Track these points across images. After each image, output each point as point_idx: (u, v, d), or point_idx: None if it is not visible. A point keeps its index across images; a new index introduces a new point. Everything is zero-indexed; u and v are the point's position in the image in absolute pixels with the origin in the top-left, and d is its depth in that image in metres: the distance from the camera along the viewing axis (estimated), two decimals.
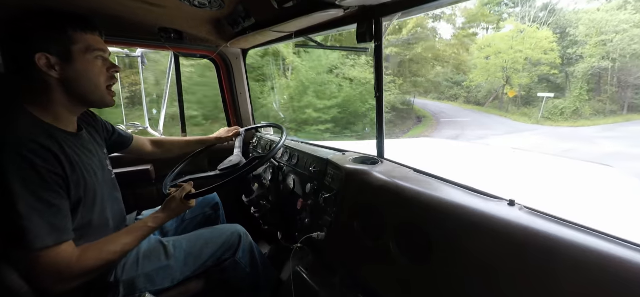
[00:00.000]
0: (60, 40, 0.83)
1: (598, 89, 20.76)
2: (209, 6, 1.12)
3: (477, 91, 24.04)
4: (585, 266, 0.60)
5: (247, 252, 1.25)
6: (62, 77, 0.84)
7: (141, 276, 1.04)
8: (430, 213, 0.88)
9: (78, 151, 0.91)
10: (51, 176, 0.77)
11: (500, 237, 0.73)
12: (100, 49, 0.91)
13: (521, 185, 1.94)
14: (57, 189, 0.79)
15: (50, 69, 0.82)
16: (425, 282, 0.87)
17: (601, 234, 0.65)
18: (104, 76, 0.93)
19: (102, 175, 1.00)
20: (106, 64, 0.94)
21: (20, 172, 0.73)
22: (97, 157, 1.01)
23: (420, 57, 22.21)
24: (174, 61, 1.91)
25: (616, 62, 19.69)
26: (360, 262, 1.08)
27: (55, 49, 0.82)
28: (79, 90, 0.89)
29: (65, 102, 0.89)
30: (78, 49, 0.85)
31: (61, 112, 0.89)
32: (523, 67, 21.51)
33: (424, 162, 1.22)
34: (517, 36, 21.66)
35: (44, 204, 0.76)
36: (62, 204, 0.81)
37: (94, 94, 0.92)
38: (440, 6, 1.03)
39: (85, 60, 0.87)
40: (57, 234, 0.78)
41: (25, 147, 0.74)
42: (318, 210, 1.28)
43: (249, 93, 2.11)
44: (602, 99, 20.53)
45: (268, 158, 1.30)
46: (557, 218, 0.73)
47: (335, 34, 1.38)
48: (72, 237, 0.82)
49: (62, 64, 0.84)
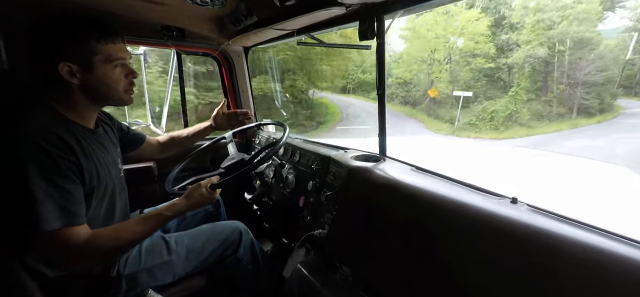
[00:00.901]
0: (83, 50, 0.87)
1: (545, 88, 18.29)
2: (211, 4, 1.13)
3: (416, 90, 20.59)
4: (587, 263, 0.60)
5: (248, 249, 1.26)
6: (83, 83, 0.89)
7: (143, 271, 1.05)
8: (432, 211, 0.88)
9: (94, 146, 0.95)
10: (65, 163, 0.82)
11: (502, 234, 0.73)
12: (120, 58, 0.94)
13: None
14: (71, 176, 0.83)
15: (72, 77, 0.87)
16: (427, 279, 0.87)
17: (603, 232, 0.65)
18: (123, 82, 0.97)
19: (114, 171, 1.03)
20: (125, 70, 0.98)
21: (35, 159, 0.77)
22: (111, 155, 1.04)
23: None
24: (176, 59, 1.91)
25: (564, 54, 17.05)
26: (362, 260, 1.08)
27: (77, 58, 0.86)
28: (99, 94, 0.94)
29: (86, 102, 0.94)
30: (99, 59, 0.89)
31: (81, 110, 0.94)
32: (445, 59, 18.25)
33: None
34: (440, 21, 18.51)
35: (57, 189, 0.80)
36: (76, 190, 0.85)
37: (113, 97, 0.97)
38: (442, 3, 1.03)
39: (105, 68, 0.91)
40: (68, 218, 0.81)
41: (41, 137, 0.79)
42: (320, 207, 1.28)
43: (251, 91, 2.11)
44: (549, 99, 17.86)
45: (274, 151, 1.30)
46: (559, 216, 0.73)
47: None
48: (84, 221, 0.86)
49: (83, 72, 0.88)
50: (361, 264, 1.08)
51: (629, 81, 21.73)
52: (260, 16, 1.23)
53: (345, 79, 22.53)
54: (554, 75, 17.83)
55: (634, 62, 19.69)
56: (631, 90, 21.69)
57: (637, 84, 22.15)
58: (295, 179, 1.49)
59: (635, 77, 21.84)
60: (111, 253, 0.95)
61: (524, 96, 17.29)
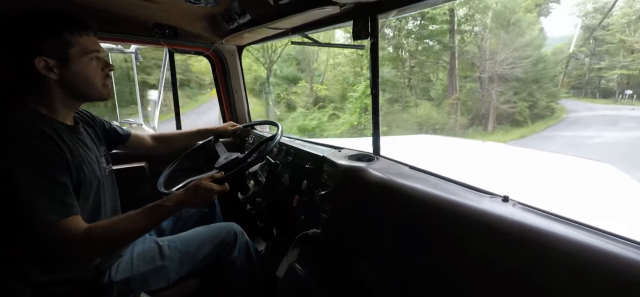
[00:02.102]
0: (58, 44, 0.86)
1: (451, 86, 13.82)
2: (203, 2, 1.12)
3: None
4: (576, 259, 0.61)
5: (242, 251, 1.25)
6: (60, 78, 0.88)
7: (135, 277, 1.03)
8: (425, 209, 0.89)
9: (76, 143, 0.94)
10: (53, 155, 0.82)
11: (494, 232, 0.74)
12: (95, 50, 0.94)
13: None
14: (61, 168, 0.83)
15: (49, 71, 0.85)
16: (420, 278, 0.88)
17: (592, 229, 0.66)
18: (100, 75, 0.96)
19: (98, 169, 1.01)
20: (101, 63, 0.97)
21: (25, 156, 0.78)
22: (93, 152, 1.02)
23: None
24: (168, 57, 1.89)
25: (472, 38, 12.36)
26: (355, 259, 1.08)
27: (53, 52, 0.85)
28: (77, 89, 0.93)
29: (64, 99, 0.92)
30: (75, 51, 0.88)
31: (60, 108, 0.93)
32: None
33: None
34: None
35: (51, 182, 0.80)
36: (69, 182, 0.85)
37: (91, 92, 0.96)
38: (435, 4, 1.03)
39: (81, 62, 0.90)
40: (65, 209, 0.81)
41: (27, 134, 0.79)
42: (314, 207, 1.28)
43: (245, 90, 2.10)
44: (453, 102, 13.65)
45: (263, 156, 1.29)
46: (549, 213, 0.74)
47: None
48: (79, 213, 0.85)
49: (60, 66, 0.87)
50: (355, 263, 1.08)
51: (578, 81, 20.82)
52: (254, 15, 1.23)
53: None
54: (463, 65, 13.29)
55: (577, 56, 18.43)
56: (581, 90, 20.76)
57: (588, 83, 21.09)
58: (290, 179, 1.49)
59: (585, 76, 21.09)
60: (110, 245, 0.93)
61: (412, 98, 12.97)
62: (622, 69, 19.58)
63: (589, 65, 21.80)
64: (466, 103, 14.17)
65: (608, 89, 22.42)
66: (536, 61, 14.27)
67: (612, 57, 20.02)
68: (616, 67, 19.69)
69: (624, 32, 17.93)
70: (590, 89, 23.21)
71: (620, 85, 21.21)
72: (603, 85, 22.82)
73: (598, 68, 21.06)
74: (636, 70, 19.28)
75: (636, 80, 20.01)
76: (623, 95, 21.28)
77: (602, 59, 20.77)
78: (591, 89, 23.23)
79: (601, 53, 20.75)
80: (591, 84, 23.09)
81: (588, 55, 21.84)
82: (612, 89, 21.84)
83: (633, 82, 20.51)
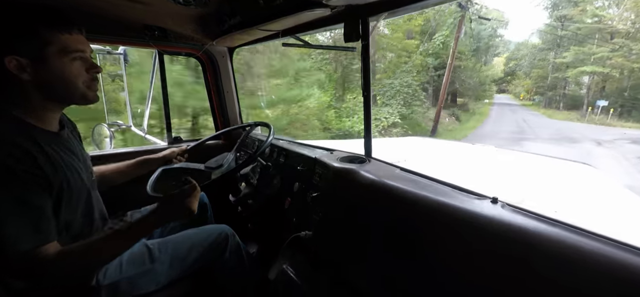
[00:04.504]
0: (31, 41, 0.78)
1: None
2: (193, 3, 1.10)
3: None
4: (563, 259, 0.63)
5: (234, 253, 1.24)
6: (35, 79, 0.80)
7: (124, 280, 1.01)
8: (416, 211, 0.90)
9: (59, 150, 0.88)
10: (29, 176, 0.75)
11: (483, 233, 0.75)
12: (79, 50, 0.86)
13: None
14: (37, 189, 0.77)
15: (21, 71, 0.78)
16: (411, 279, 0.88)
17: (578, 230, 0.68)
18: (83, 77, 0.88)
19: (86, 175, 0.97)
20: (85, 64, 0.89)
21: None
22: (79, 158, 0.97)
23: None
24: (158, 59, 1.87)
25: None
26: (347, 260, 1.08)
27: (26, 51, 0.78)
28: (57, 91, 0.86)
29: (44, 102, 0.86)
30: (52, 51, 0.81)
31: (40, 112, 0.86)
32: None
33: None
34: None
35: (25, 206, 0.74)
36: (43, 205, 0.79)
37: (73, 95, 0.88)
38: (425, 6, 1.04)
39: (61, 61, 0.82)
40: (38, 235, 0.76)
41: (0, 151, 0.72)
42: (305, 209, 1.28)
43: (236, 92, 2.09)
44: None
45: (256, 155, 1.29)
46: (536, 214, 0.75)
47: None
48: (54, 238, 0.80)
49: (34, 66, 0.79)
50: (346, 265, 1.08)
51: (539, 84, 17.34)
52: (245, 16, 1.22)
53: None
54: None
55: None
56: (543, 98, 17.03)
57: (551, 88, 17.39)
58: (281, 181, 1.49)
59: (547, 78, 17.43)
60: (82, 270, 0.89)
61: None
62: (593, 66, 13.66)
63: (553, 63, 16.87)
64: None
65: (576, 97, 17.30)
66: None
67: (581, 47, 13.86)
68: (586, 62, 13.64)
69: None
70: (554, 97, 18.36)
71: (593, 90, 15.33)
72: (570, 92, 17.49)
73: (563, 64, 15.18)
74: (614, 69, 12.91)
75: (616, 85, 13.75)
76: (595, 108, 15.22)
77: (566, 50, 15.02)
78: (555, 97, 18.29)
79: (569, 38, 14.63)
80: (555, 89, 18.28)
81: (551, 47, 16.49)
82: (581, 97, 16.55)
83: (611, 88, 14.39)
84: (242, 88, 7.15)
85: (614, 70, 13.93)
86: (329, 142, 2.13)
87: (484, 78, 22.22)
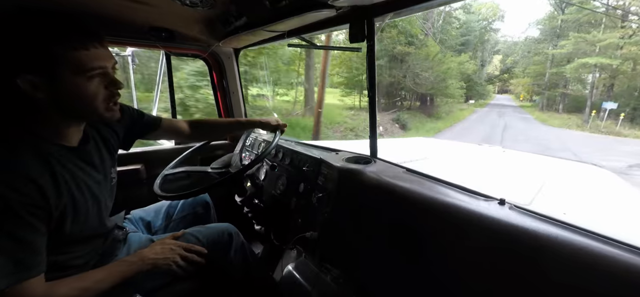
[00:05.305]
0: (43, 60, 0.72)
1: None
2: (200, 5, 1.11)
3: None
4: (572, 262, 0.62)
5: (238, 252, 1.24)
6: (50, 98, 0.75)
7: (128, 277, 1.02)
8: (422, 212, 0.89)
9: (72, 167, 0.84)
10: (24, 207, 0.70)
11: (490, 235, 0.74)
12: (96, 67, 0.78)
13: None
14: (32, 221, 0.72)
15: (35, 91, 0.73)
16: (417, 280, 0.88)
17: (587, 232, 0.67)
18: (102, 94, 0.81)
19: (104, 185, 0.96)
20: (105, 80, 0.81)
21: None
22: (99, 170, 0.95)
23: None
24: (165, 60, 1.89)
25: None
26: (352, 261, 1.08)
27: (38, 70, 0.72)
28: (73, 111, 0.80)
29: (61, 119, 0.81)
30: (66, 69, 0.74)
31: (61, 127, 0.82)
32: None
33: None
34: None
35: (11, 240, 0.69)
36: (36, 238, 0.73)
37: (91, 115, 0.83)
38: (431, 7, 1.04)
39: (76, 81, 0.76)
40: (22, 273, 0.71)
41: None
42: (311, 209, 1.28)
43: (242, 92, 2.10)
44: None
45: (261, 158, 1.29)
46: (544, 216, 0.74)
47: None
48: (42, 271, 0.75)
49: (48, 86, 0.73)
50: (352, 266, 1.08)
51: (538, 82, 14.67)
52: (251, 18, 1.23)
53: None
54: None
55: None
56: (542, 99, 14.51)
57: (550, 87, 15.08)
58: (287, 181, 1.49)
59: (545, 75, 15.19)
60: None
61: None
62: (599, 57, 10.19)
63: (552, 56, 13.43)
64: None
65: (579, 98, 13.55)
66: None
67: (583, 34, 10.14)
68: (590, 53, 10.02)
69: None
70: (553, 97, 15.24)
71: (599, 90, 11.94)
72: (572, 91, 13.94)
73: (561, 56, 11.48)
74: (626, 62, 9.32)
75: (627, 82, 10.26)
76: (600, 112, 11.88)
77: (566, 37, 11.27)
78: (554, 97, 15.03)
79: (572, 22, 10.97)
80: (555, 88, 14.94)
81: (549, 37, 13.22)
82: (584, 98, 12.94)
83: (621, 87, 10.86)
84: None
85: (626, 63, 10.75)
86: (334, 142, 2.13)
87: (448, 71, 16.85)
